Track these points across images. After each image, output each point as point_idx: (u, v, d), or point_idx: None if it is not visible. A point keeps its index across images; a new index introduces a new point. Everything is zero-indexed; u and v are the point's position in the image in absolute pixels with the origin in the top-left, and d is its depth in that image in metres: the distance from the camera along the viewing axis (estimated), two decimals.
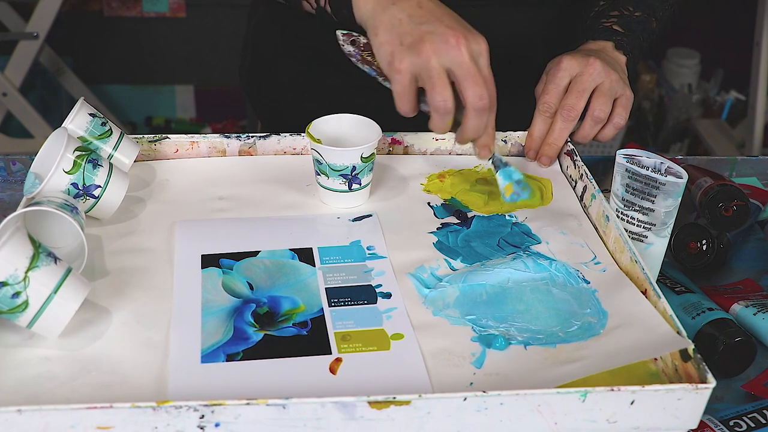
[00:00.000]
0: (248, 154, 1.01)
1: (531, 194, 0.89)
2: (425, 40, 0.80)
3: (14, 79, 2.37)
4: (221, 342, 0.73)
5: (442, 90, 0.81)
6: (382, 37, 0.83)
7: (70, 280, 0.71)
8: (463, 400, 0.64)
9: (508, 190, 0.88)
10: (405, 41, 0.81)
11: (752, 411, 0.79)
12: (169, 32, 2.82)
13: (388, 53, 0.82)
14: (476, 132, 0.85)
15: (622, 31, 1.04)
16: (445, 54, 0.80)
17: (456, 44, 0.80)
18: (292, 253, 0.85)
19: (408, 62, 0.81)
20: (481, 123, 0.84)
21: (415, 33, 0.81)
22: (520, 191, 0.88)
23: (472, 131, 0.85)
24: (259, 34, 1.24)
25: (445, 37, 0.80)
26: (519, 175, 0.88)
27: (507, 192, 0.88)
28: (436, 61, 0.80)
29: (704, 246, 0.96)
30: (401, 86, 0.82)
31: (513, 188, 0.87)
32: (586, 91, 0.97)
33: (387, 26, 0.83)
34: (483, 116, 0.83)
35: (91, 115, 0.92)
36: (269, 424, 0.64)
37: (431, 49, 0.80)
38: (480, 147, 0.88)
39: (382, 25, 0.83)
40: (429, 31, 0.81)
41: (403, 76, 0.82)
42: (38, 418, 0.62)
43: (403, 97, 0.83)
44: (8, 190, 1.07)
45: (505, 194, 0.88)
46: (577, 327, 0.77)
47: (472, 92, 0.81)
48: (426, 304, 0.79)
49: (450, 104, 0.82)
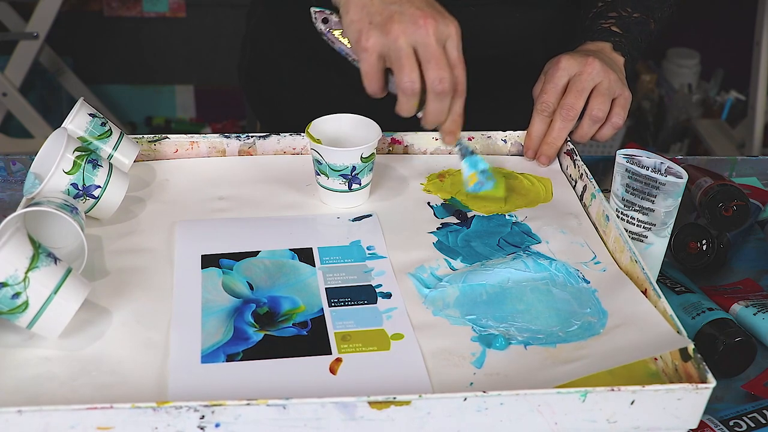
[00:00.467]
0: (248, 154, 1.01)
1: (495, 186, 0.89)
2: (394, 20, 0.81)
3: (14, 79, 2.37)
4: (221, 342, 0.73)
5: (409, 71, 0.81)
6: (353, 15, 0.83)
7: (70, 281, 0.71)
8: (463, 400, 0.64)
9: (471, 179, 0.89)
10: (374, 20, 0.82)
11: (752, 411, 0.79)
12: (169, 32, 2.82)
13: (356, 31, 0.82)
14: (437, 116, 0.85)
15: (621, 33, 1.04)
16: (412, 34, 0.80)
17: (424, 25, 0.80)
18: (292, 253, 0.85)
19: (375, 41, 0.81)
20: (443, 107, 0.84)
21: (384, 12, 0.81)
22: (484, 180, 0.88)
23: (433, 115, 0.84)
24: (258, 34, 1.24)
25: (413, 18, 0.80)
26: (485, 165, 0.89)
27: (470, 181, 0.89)
28: (404, 41, 0.80)
29: (704, 246, 0.96)
30: (368, 65, 0.83)
31: (477, 177, 0.88)
32: (585, 91, 0.97)
33: (358, 5, 0.83)
34: (444, 100, 0.83)
35: (91, 115, 0.92)
36: (269, 425, 0.64)
37: (399, 29, 0.80)
38: (445, 133, 0.87)
39: (353, 3, 0.83)
40: (398, 11, 0.81)
41: (369, 55, 0.82)
42: (38, 419, 0.62)
43: (370, 76, 0.84)
44: (8, 190, 1.07)
45: (468, 183, 0.89)
46: (577, 327, 0.77)
47: (434, 74, 0.81)
48: (426, 304, 0.79)
49: (417, 86, 0.82)
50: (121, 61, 2.85)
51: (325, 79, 1.17)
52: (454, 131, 0.87)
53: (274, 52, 1.21)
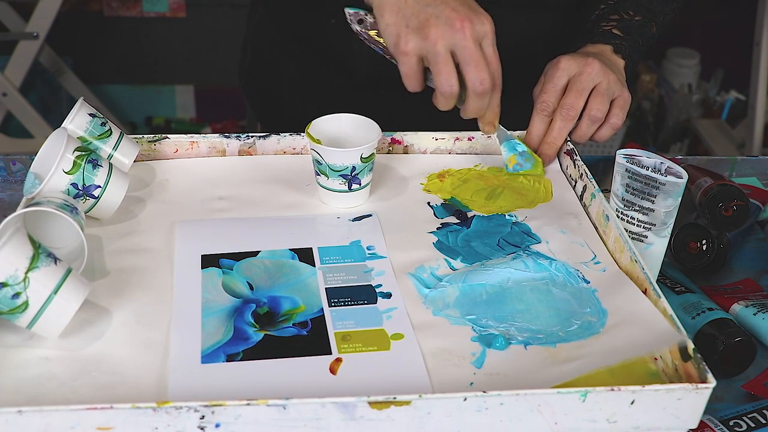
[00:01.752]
0: (248, 154, 1.01)
1: (534, 165, 0.96)
2: (430, 24, 0.83)
3: (14, 79, 2.37)
4: (221, 342, 0.73)
5: (448, 75, 0.84)
6: (388, 19, 0.85)
7: (70, 281, 0.71)
8: (463, 400, 0.64)
9: (511, 161, 0.96)
10: (411, 24, 0.84)
11: (752, 411, 0.79)
12: (169, 32, 2.82)
13: (394, 35, 0.85)
14: (478, 112, 0.89)
15: (622, 35, 1.04)
16: (449, 37, 0.83)
17: (461, 28, 0.83)
18: (292, 253, 0.85)
19: (414, 45, 0.84)
20: (483, 104, 0.88)
21: (420, 15, 0.84)
22: (523, 162, 0.95)
23: (474, 111, 0.89)
24: (258, 34, 1.24)
25: (450, 21, 0.83)
26: (522, 147, 0.96)
27: (510, 163, 0.96)
28: (442, 44, 0.83)
29: (704, 246, 0.96)
30: (408, 67, 0.86)
31: (516, 159, 0.95)
32: (584, 91, 0.97)
33: (393, 7, 0.85)
34: (484, 98, 0.87)
35: (91, 115, 0.92)
36: (269, 425, 0.64)
37: (436, 33, 0.83)
38: (485, 123, 0.92)
39: (388, 6, 0.85)
40: (434, 14, 0.83)
41: (409, 58, 0.85)
42: (38, 419, 0.62)
43: (410, 77, 0.87)
44: (8, 190, 1.07)
45: (508, 165, 0.96)
46: (577, 326, 0.77)
47: (474, 76, 0.85)
48: (426, 304, 0.79)
49: (455, 88, 0.85)
50: (121, 61, 2.85)
51: (326, 79, 1.17)
52: (493, 121, 0.92)
53: (274, 53, 1.21)
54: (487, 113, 0.90)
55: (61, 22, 2.42)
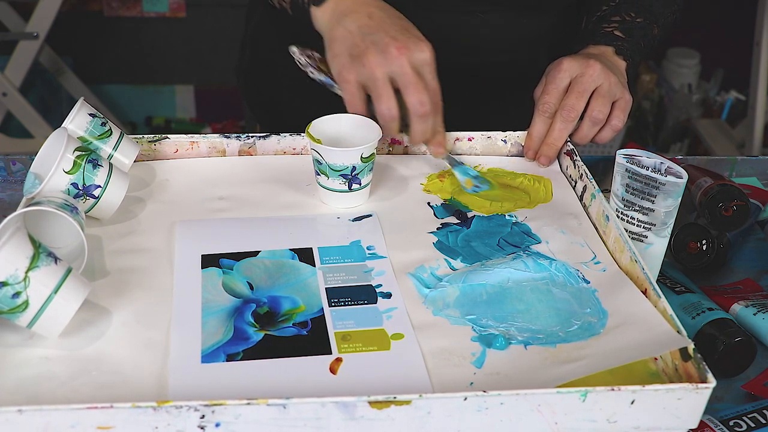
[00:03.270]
0: (248, 154, 1.01)
1: (490, 186, 0.96)
2: (369, 51, 0.86)
3: (14, 79, 2.37)
4: (221, 342, 0.73)
5: (386, 100, 0.87)
6: (335, 50, 0.89)
7: (70, 280, 0.71)
8: (463, 399, 0.65)
9: (468, 183, 0.95)
10: (353, 52, 0.88)
11: (752, 411, 0.79)
12: (169, 32, 2.82)
13: (338, 65, 0.89)
14: (423, 135, 0.91)
15: (623, 37, 1.04)
16: (387, 65, 0.86)
17: (398, 55, 0.86)
18: (292, 253, 0.85)
19: (354, 73, 0.87)
20: (426, 126, 0.90)
21: (361, 45, 0.87)
22: (479, 184, 0.95)
23: (419, 134, 0.91)
24: (257, 35, 1.24)
25: (387, 48, 0.86)
26: (474, 171, 0.96)
27: (468, 185, 0.95)
28: (380, 71, 0.86)
29: (704, 246, 0.96)
30: (350, 95, 0.89)
31: (473, 182, 0.95)
32: (586, 92, 0.97)
33: (339, 39, 0.89)
34: (427, 120, 0.89)
35: (91, 115, 0.92)
36: (269, 424, 0.64)
37: (374, 61, 0.86)
38: (434, 146, 0.94)
39: (335, 38, 0.89)
40: (374, 42, 0.87)
41: (351, 86, 0.88)
42: (38, 418, 0.62)
43: (352, 104, 0.90)
44: (8, 190, 1.07)
45: (466, 186, 0.95)
46: (578, 327, 0.77)
47: (414, 99, 0.87)
48: (426, 304, 0.79)
49: (394, 112, 0.88)
50: (121, 61, 2.85)
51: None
52: (442, 143, 0.94)
53: (274, 53, 1.21)
54: (435, 136, 0.92)
55: (61, 22, 2.42)
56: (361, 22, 0.88)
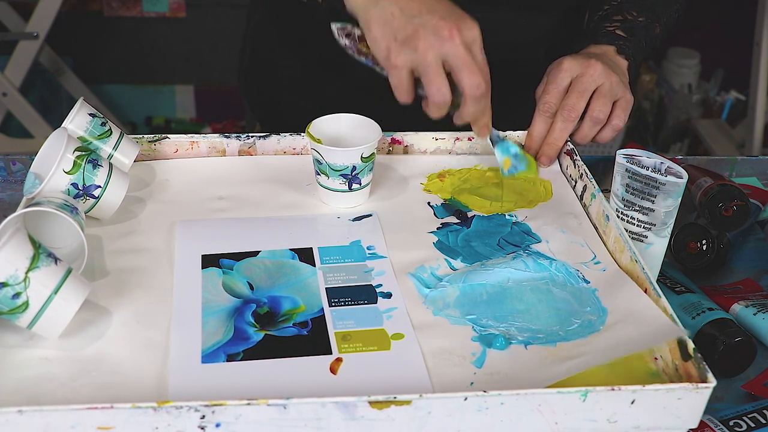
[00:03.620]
0: (248, 154, 1.01)
1: (528, 165, 0.95)
2: (419, 35, 0.82)
3: (14, 79, 2.37)
4: (222, 342, 0.73)
5: (439, 85, 0.83)
6: (376, 32, 0.84)
7: (70, 281, 0.71)
8: (463, 399, 0.65)
9: (506, 163, 0.95)
10: (399, 36, 0.83)
11: (752, 411, 0.79)
12: (169, 32, 2.82)
13: (383, 48, 0.84)
14: (475, 117, 0.88)
15: (625, 36, 1.04)
16: (439, 47, 0.82)
17: (450, 36, 0.82)
18: (292, 253, 0.85)
19: (404, 58, 0.83)
20: (480, 108, 0.87)
21: (408, 27, 0.83)
22: (517, 164, 0.94)
23: (471, 117, 0.88)
24: (258, 35, 1.24)
25: (438, 30, 0.82)
26: (516, 149, 0.95)
27: (505, 165, 0.95)
28: (432, 55, 0.82)
29: (704, 246, 0.96)
30: (398, 80, 0.85)
31: (511, 161, 0.94)
32: (586, 92, 0.97)
33: (380, 21, 0.84)
34: (481, 102, 0.86)
35: (91, 115, 0.92)
36: (270, 424, 0.64)
37: (426, 44, 0.82)
38: (479, 127, 0.91)
39: (375, 19, 0.84)
40: (422, 25, 0.82)
41: (400, 71, 0.84)
42: (39, 419, 0.62)
43: (400, 90, 0.86)
44: (8, 190, 1.07)
45: (503, 168, 0.95)
46: (578, 325, 0.77)
47: (470, 81, 0.84)
48: (426, 304, 0.79)
49: (447, 97, 0.84)
50: (121, 61, 2.84)
51: (325, 79, 1.17)
52: (488, 124, 0.91)
53: (274, 53, 1.21)
54: (483, 117, 0.90)
55: (61, 22, 2.42)
56: (402, 4, 0.83)
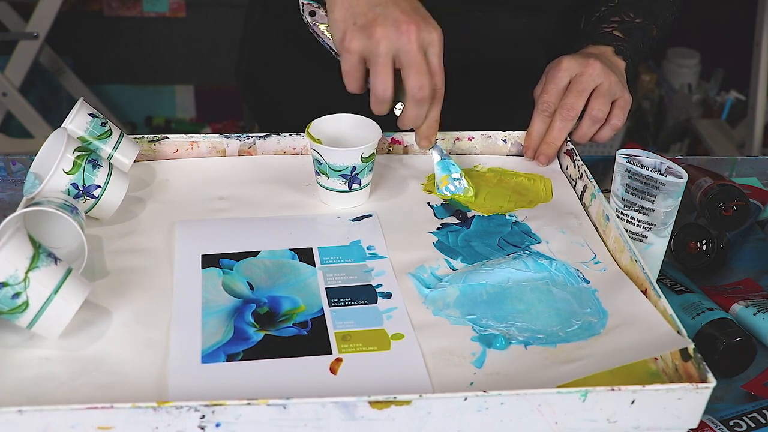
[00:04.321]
0: (248, 154, 1.01)
1: (465, 191, 0.93)
2: (377, 23, 0.82)
3: (14, 79, 2.37)
4: (222, 342, 0.73)
5: (384, 78, 0.83)
6: (338, 14, 0.84)
7: (70, 281, 0.71)
8: (463, 399, 0.65)
9: (443, 182, 0.93)
10: (358, 21, 0.83)
11: (752, 411, 0.79)
12: (169, 32, 2.82)
13: (341, 30, 0.84)
14: (415, 121, 0.87)
15: (623, 37, 1.05)
16: (394, 40, 0.82)
17: (406, 31, 0.81)
18: (292, 253, 0.85)
19: (357, 43, 0.83)
20: (421, 112, 0.86)
21: (369, 14, 0.83)
22: (455, 186, 0.93)
23: (410, 120, 0.87)
24: (257, 35, 1.24)
25: (396, 23, 0.82)
26: (457, 170, 0.93)
27: (442, 184, 0.93)
28: (385, 45, 0.82)
29: (704, 246, 0.96)
30: (349, 65, 0.84)
31: (448, 181, 0.93)
32: (585, 91, 0.97)
33: (344, 4, 0.84)
34: (423, 106, 0.85)
35: (91, 115, 0.92)
36: (270, 424, 0.64)
37: (382, 33, 0.81)
38: (421, 137, 0.90)
39: (339, 1, 0.84)
40: (382, 14, 0.82)
41: (352, 56, 0.84)
42: (39, 419, 0.62)
43: (350, 76, 0.85)
44: (8, 190, 1.07)
45: (439, 185, 0.94)
46: (578, 326, 0.77)
47: (414, 82, 0.83)
48: (426, 304, 0.79)
49: (389, 93, 0.84)
50: (121, 61, 2.85)
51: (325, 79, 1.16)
52: (430, 136, 0.90)
53: (273, 53, 1.21)
54: (423, 126, 0.88)
55: (61, 22, 2.42)
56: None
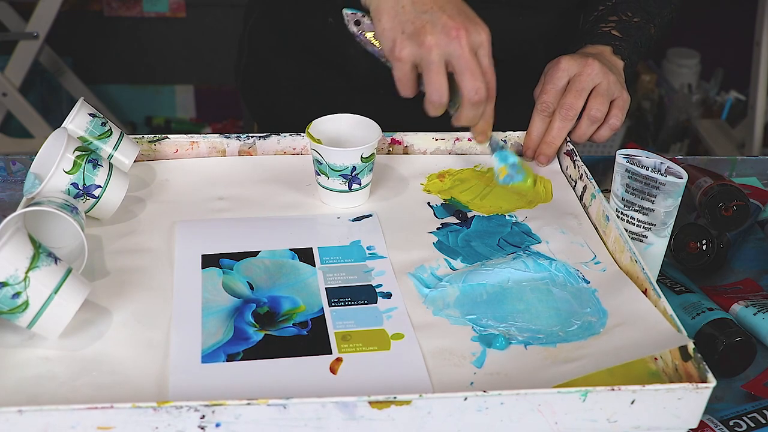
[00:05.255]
0: (248, 154, 1.01)
1: (524, 178, 0.93)
2: (426, 31, 0.82)
3: (14, 79, 2.37)
4: (222, 342, 0.73)
5: (439, 85, 0.83)
6: (385, 23, 0.84)
7: (70, 281, 0.71)
8: (463, 399, 0.65)
9: (502, 172, 0.93)
10: (407, 29, 0.83)
11: (752, 411, 0.79)
12: (169, 32, 2.82)
13: (390, 39, 0.84)
14: (472, 121, 0.88)
15: (621, 36, 1.05)
16: (445, 46, 0.82)
17: (456, 36, 0.82)
18: (292, 253, 0.85)
19: (408, 51, 0.83)
20: (477, 113, 0.87)
21: (416, 22, 0.83)
22: (514, 174, 0.92)
23: (467, 120, 0.88)
24: (256, 34, 1.24)
25: (446, 29, 0.82)
26: (514, 159, 0.93)
27: (501, 174, 0.93)
28: (436, 52, 0.82)
29: (704, 246, 0.96)
30: (402, 73, 0.85)
31: (507, 170, 0.92)
32: (584, 91, 0.98)
33: (390, 12, 0.84)
34: (479, 108, 0.86)
35: (91, 115, 0.92)
36: (270, 424, 0.64)
37: (432, 41, 0.82)
38: (477, 133, 0.91)
39: (386, 10, 0.84)
40: (430, 21, 0.82)
41: (403, 64, 0.84)
42: (39, 419, 0.62)
43: (402, 83, 0.86)
44: (8, 190, 1.07)
45: (499, 176, 0.93)
46: (577, 326, 0.77)
47: (470, 85, 0.83)
48: (426, 304, 0.79)
49: (444, 99, 0.84)
50: (121, 61, 2.84)
51: (324, 80, 1.17)
52: (486, 131, 0.90)
53: (272, 53, 1.21)
54: (480, 123, 0.89)
55: (61, 22, 2.42)
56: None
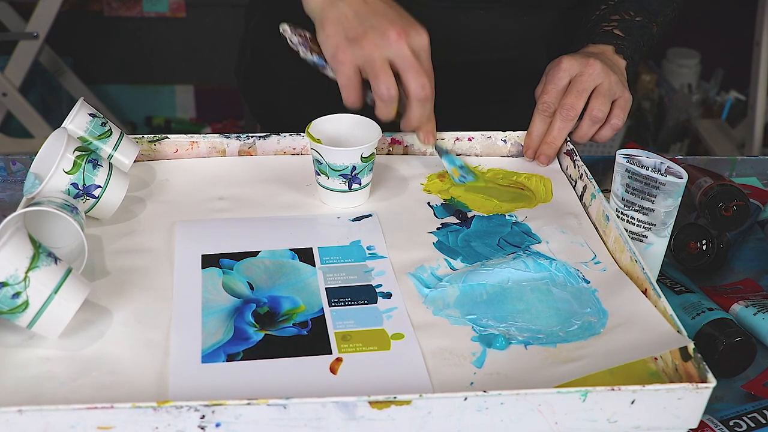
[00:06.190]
0: (248, 154, 1.01)
1: (475, 178, 0.98)
2: (368, 35, 0.85)
3: (14, 79, 2.37)
4: (222, 342, 0.73)
5: (385, 79, 0.86)
6: (329, 31, 0.88)
7: (70, 281, 0.71)
8: (463, 399, 0.65)
9: (455, 173, 0.97)
10: (349, 35, 0.86)
11: (752, 411, 0.79)
12: (169, 32, 2.82)
13: (333, 45, 0.87)
14: (420, 120, 0.90)
15: (623, 36, 1.05)
16: (386, 47, 0.85)
17: (397, 38, 0.85)
18: (292, 253, 0.85)
19: (351, 54, 0.86)
20: (425, 111, 0.89)
21: (359, 28, 0.86)
22: (465, 174, 0.96)
23: (415, 119, 0.90)
24: (257, 35, 1.24)
25: (386, 32, 0.85)
26: (459, 161, 0.98)
27: (455, 174, 0.97)
28: (378, 53, 0.85)
29: (704, 246, 0.96)
30: (345, 77, 0.87)
31: (459, 172, 0.96)
32: (585, 91, 0.97)
33: (333, 21, 0.87)
34: (426, 105, 0.89)
35: (91, 115, 0.92)
36: (270, 424, 0.64)
37: (373, 43, 0.85)
38: (425, 134, 0.93)
39: (329, 19, 0.87)
40: (371, 26, 0.86)
41: (347, 68, 0.87)
42: (39, 419, 0.62)
43: (347, 88, 0.88)
44: (8, 190, 1.07)
45: (453, 176, 0.97)
46: (578, 326, 0.77)
47: (415, 83, 0.86)
48: (426, 304, 0.79)
49: (393, 92, 0.87)
50: (121, 61, 2.85)
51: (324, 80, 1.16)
52: (432, 131, 0.93)
53: (273, 53, 1.20)
54: (426, 123, 0.91)
55: (61, 22, 2.42)
56: (356, 7, 0.87)
